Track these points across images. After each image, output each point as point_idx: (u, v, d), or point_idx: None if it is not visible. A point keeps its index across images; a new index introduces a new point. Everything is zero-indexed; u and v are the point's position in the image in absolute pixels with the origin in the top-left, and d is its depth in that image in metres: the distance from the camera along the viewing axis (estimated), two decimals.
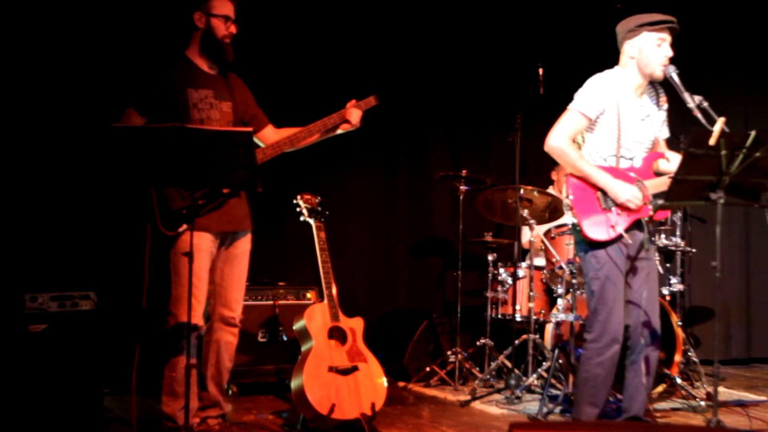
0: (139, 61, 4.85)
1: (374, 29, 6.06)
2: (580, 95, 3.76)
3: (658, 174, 3.76)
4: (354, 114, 3.93)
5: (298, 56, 5.78)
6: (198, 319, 3.68)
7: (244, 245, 3.86)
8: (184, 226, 3.53)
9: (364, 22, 6.02)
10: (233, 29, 3.74)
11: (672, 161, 3.77)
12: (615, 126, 3.73)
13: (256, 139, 3.87)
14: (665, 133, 3.93)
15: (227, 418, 3.92)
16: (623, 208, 3.66)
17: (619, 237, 3.66)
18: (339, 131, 3.99)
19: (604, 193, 3.68)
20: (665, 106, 3.92)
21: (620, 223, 3.66)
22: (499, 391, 5.05)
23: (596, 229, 3.66)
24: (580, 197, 3.70)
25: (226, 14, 3.71)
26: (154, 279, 3.63)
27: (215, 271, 3.80)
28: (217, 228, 3.72)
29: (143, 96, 3.67)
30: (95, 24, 5.09)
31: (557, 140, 3.71)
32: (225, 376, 3.88)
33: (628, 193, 3.64)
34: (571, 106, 3.76)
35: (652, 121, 3.85)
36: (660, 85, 3.91)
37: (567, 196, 3.74)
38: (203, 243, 3.67)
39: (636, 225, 3.72)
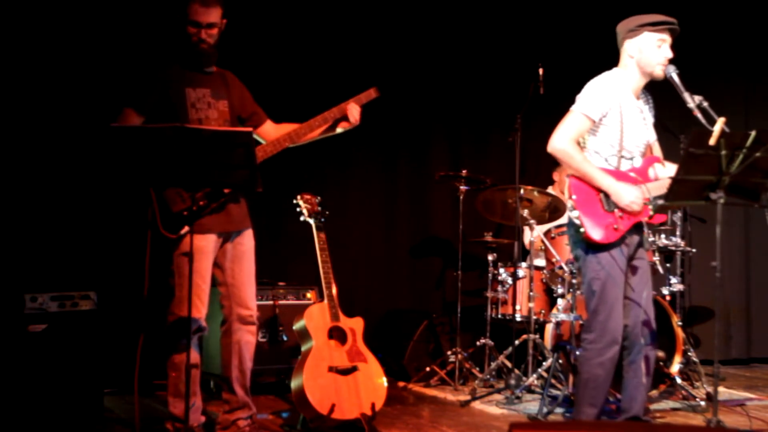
0: (137, 61, 4.87)
1: (375, 29, 6.06)
2: (583, 97, 3.75)
3: (656, 179, 3.76)
4: (352, 110, 3.89)
5: (299, 56, 5.78)
6: (202, 320, 3.67)
7: (248, 242, 3.85)
8: (186, 229, 3.51)
9: (364, 22, 6.02)
10: (203, 35, 3.67)
11: (667, 167, 3.79)
12: (618, 127, 3.73)
13: (255, 136, 3.86)
14: (654, 137, 3.94)
15: (255, 419, 3.89)
16: (626, 210, 3.66)
17: (621, 239, 3.66)
18: (339, 130, 3.96)
19: (607, 195, 3.68)
20: (653, 111, 3.94)
21: (622, 224, 3.66)
22: (499, 391, 5.05)
23: (598, 230, 3.66)
24: (583, 198, 3.69)
25: (196, 20, 3.67)
26: (156, 281, 3.61)
27: (225, 272, 3.79)
28: (219, 228, 3.71)
29: (142, 95, 3.67)
30: (94, 24, 5.09)
31: (561, 142, 3.71)
32: (248, 376, 3.85)
33: (631, 195, 3.64)
34: (574, 108, 3.76)
35: (648, 124, 3.86)
36: (660, 89, 3.91)
37: (570, 197, 3.74)
38: (208, 245, 3.67)
39: (636, 226, 3.72)
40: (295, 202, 4.26)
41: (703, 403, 4.71)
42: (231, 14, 3.80)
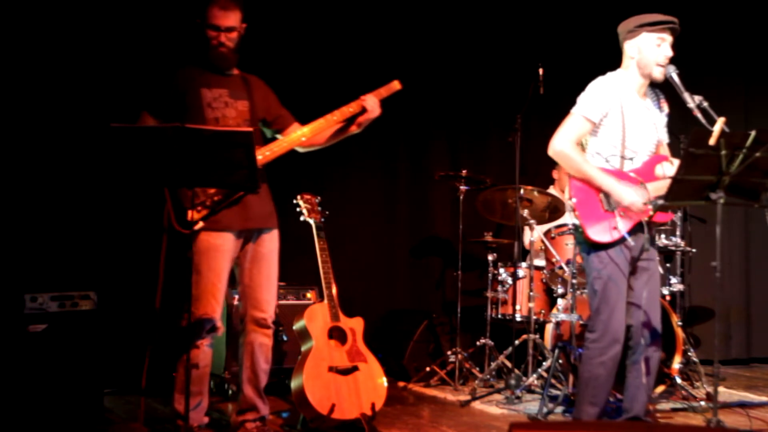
0: (155, 64, 4.86)
1: (374, 29, 6.05)
2: (583, 99, 3.75)
3: (664, 178, 3.76)
4: (369, 101, 3.85)
5: (297, 56, 5.77)
6: (217, 319, 3.66)
7: (270, 243, 3.80)
8: (201, 224, 3.51)
9: (364, 23, 6.02)
10: (222, 38, 3.67)
11: (676, 165, 3.77)
12: (619, 128, 3.73)
13: (281, 138, 3.86)
14: (666, 137, 3.93)
15: (266, 420, 3.88)
16: (627, 210, 3.66)
17: (622, 239, 3.66)
18: (362, 124, 3.90)
19: (607, 195, 3.68)
20: (666, 110, 3.93)
21: (623, 225, 3.66)
22: (499, 391, 5.05)
23: (599, 231, 3.66)
24: (583, 199, 3.69)
25: (215, 24, 3.66)
26: (168, 279, 3.61)
27: (243, 272, 3.77)
28: (239, 226, 3.67)
29: (156, 98, 3.68)
30: (99, 24, 5.08)
31: (561, 144, 3.71)
32: (262, 377, 3.83)
33: (632, 195, 3.64)
34: (574, 110, 3.76)
35: (656, 124, 3.85)
36: (660, 89, 3.91)
37: (570, 198, 3.74)
38: (225, 243, 3.64)
39: (638, 226, 3.71)
40: (295, 202, 4.27)
41: (703, 403, 4.71)
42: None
